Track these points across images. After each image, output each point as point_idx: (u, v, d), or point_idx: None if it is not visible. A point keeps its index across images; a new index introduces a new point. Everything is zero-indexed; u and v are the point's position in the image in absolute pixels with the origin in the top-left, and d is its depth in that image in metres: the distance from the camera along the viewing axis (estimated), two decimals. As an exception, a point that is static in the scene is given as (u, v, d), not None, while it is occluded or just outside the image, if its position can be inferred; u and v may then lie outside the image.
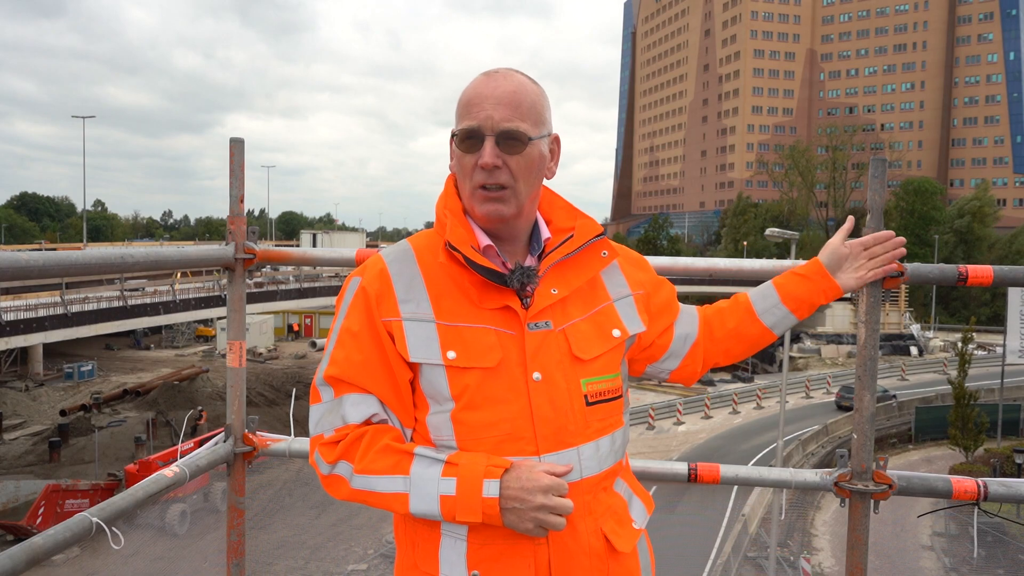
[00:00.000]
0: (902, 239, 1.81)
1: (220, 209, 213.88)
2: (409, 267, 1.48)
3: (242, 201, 2.35)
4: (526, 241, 1.53)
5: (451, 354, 1.41)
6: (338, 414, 1.44)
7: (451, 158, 1.51)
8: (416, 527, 1.48)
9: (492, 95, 1.43)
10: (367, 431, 1.42)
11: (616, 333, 1.52)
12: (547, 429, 1.41)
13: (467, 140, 1.44)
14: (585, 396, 1.45)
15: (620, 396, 1.53)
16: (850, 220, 1.84)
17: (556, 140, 1.54)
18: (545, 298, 1.46)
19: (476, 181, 1.44)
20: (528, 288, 1.47)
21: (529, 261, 1.51)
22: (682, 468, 2.24)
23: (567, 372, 1.44)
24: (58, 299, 35.47)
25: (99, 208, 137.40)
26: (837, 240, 1.80)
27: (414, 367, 1.44)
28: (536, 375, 1.41)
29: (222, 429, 2.40)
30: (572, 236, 1.51)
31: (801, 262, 2.30)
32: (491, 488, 1.32)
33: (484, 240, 1.48)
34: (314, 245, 66.22)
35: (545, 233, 1.54)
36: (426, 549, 1.46)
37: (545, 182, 1.56)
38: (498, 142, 1.42)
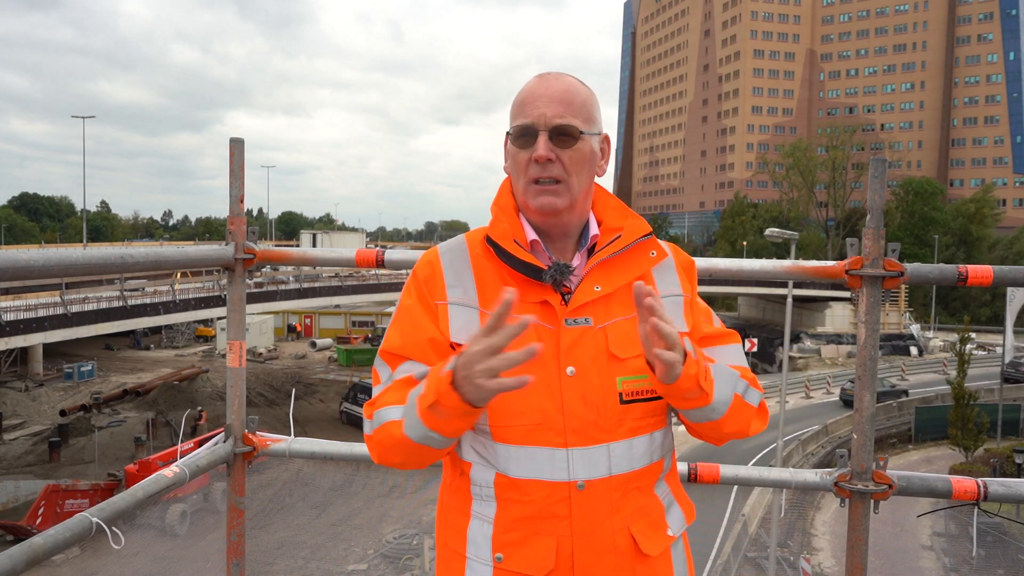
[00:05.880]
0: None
1: (220, 209, 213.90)
2: (460, 257, 1.55)
3: (242, 201, 2.36)
4: (576, 238, 1.57)
5: None
6: (391, 380, 1.51)
7: (505, 159, 1.57)
8: (448, 508, 1.55)
9: (545, 94, 1.49)
10: (398, 381, 1.47)
11: None
12: (576, 423, 1.44)
13: (522, 137, 1.50)
14: (620, 394, 1.46)
15: (662, 397, 1.50)
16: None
17: (606, 139, 1.59)
18: (587, 295, 1.48)
19: (530, 176, 1.49)
20: (567, 284, 1.50)
21: (578, 258, 1.54)
22: (682, 468, 2.24)
23: (603, 369, 1.45)
24: (58, 299, 35.45)
25: (103, 208, 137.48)
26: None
27: (455, 348, 1.48)
28: (570, 369, 1.44)
29: (222, 429, 2.41)
30: (620, 236, 1.53)
31: (802, 262, 2.30)
32: (447, 366, 1.31)
33: (531, 235, 1.53)
34: (314, 245, 66.28)
35: (593, 230, 1.57)
36: (455, 528, 1.51)
37: (599, 182, 1.61)
38: (551, 137, 1.47)
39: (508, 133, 1.53)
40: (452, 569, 1.51)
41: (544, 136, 1.47)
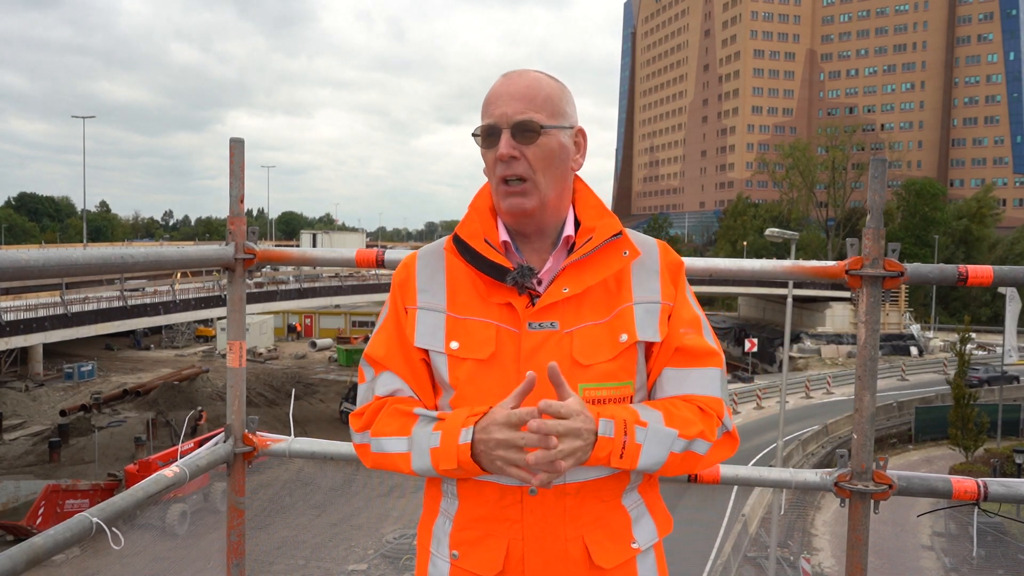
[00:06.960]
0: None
1: (220, 209, 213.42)
2: (436, 260, 1.56)
3: (242, 201, 2.36)
4: (554, 238, 1.53)
5: (454, 344, 1.47)
6: (371, 390, 1.55)
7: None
8: (425, 504, 1.58)
9: (507, 92, 1.48)
10: (387, 401, 1.52)
11: (623, 338, 1.46)
12: None
13: (487, 137, 1.49)
14: None
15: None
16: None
17: (581, 132, 1.56)
18: (554, 296, 1.45)
19: (498, 175, 1.48)
20: (531, 286, 1.47)
21: (552, 259, 1.51)
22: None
23: (564, 375, 1.41)
24: (58, 299, 35.42)
25: (103, 209, 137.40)
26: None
27: (423, 353, 1.52)
28: (529, 374, 1.41)
29: (222, 429, 2.41)
30: (592, 236, 1.50)
31: (802, 262, 2.29)
32: (466, 435, 1.35)
33: (503, 236, 1.51)
34: (314, 245, 66.24)
35: (568, 231, 1.53)
36: (426, 523, 1.57)
37: (585, 178, 1.60)
38: (513, 134, 1.46)
39: (474, 135, 1.52)
40: (420, 564, 1.56)
41: (506, 134, 1.45)
